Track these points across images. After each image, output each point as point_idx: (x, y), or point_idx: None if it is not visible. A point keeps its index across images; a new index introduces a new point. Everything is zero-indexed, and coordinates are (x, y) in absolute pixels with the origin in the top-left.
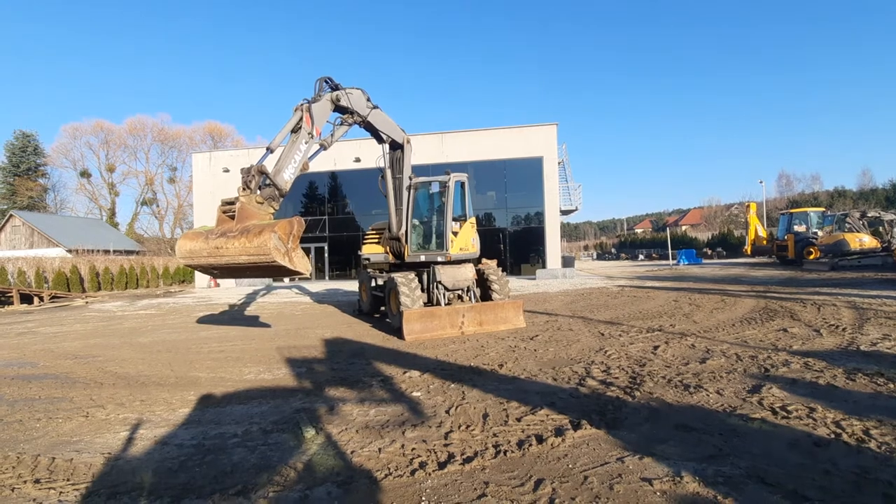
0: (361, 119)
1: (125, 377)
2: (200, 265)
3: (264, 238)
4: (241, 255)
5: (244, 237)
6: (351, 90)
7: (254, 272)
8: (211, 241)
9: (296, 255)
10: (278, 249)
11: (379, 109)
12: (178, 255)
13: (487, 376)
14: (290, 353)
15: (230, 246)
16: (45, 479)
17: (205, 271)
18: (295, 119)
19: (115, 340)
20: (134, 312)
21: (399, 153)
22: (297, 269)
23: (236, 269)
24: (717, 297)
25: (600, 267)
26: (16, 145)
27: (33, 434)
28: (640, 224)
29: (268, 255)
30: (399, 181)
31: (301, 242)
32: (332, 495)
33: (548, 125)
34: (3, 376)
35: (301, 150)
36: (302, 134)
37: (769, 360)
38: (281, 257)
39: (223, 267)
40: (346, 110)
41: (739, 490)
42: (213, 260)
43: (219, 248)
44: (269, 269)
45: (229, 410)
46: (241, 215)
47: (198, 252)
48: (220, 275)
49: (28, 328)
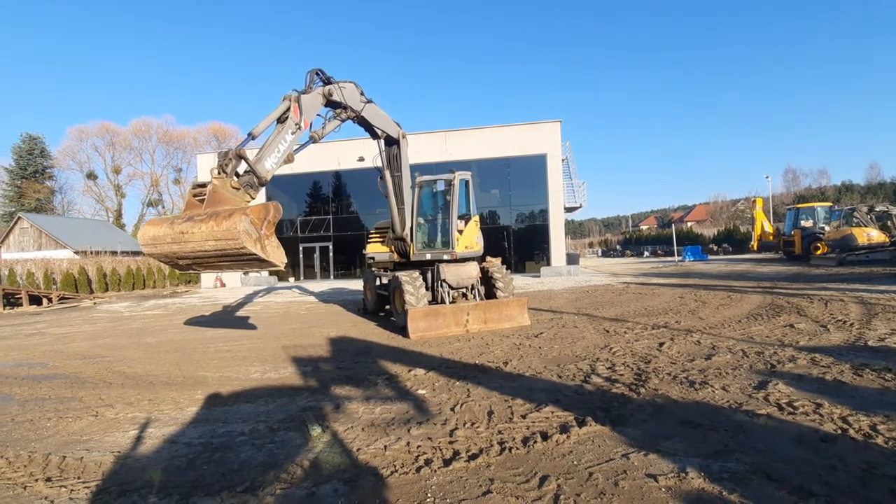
0: (355, 114)
1: (133, 377)
2: (164, 254)
3: (233, 221)
4: (207, 240)
5: (212, 220)
6: (344, 84)
7: (223, 263)
8: (176, 227)
9: (269, 244)
10: (249, 235)
11: (373, 104)
12: (141, 243)
13: (492, 374)
14: (295, 352)
15: (196, 231)
16: (57, 478)
17: (170, 263)
18: (282, 108)
19: (123, 341)
20: (141, 313)
21: (395, 149)
22: (270, 259)
23: (204, 259)
24: (722, 293)
25: (605, 264)
26: (23, 148)
27: (44, 433)
28: (645, 221)
29: (236, 239)
30: (398, 179)
31: (306, 242)
32: (339, 492)
33: (551, 122)
34: (14, 376)
35: (287, 140)
36: (289, 124)
37: (775, 356)
38: (252, 244)
39: (189, 256)
40: (339, 105)
41: (745, 486)
42: (178, 247)
43: (184, 233)
44: (239, 259)
45: (236, 409)
46: (212, 199)
47: (161, 238)
48: (186, 267)
49: (37, 329)
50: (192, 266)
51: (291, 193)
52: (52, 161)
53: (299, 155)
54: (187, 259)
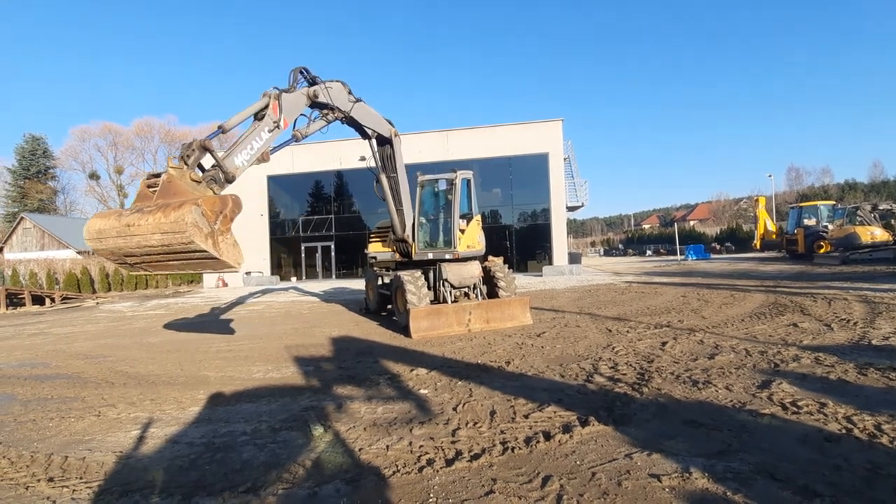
0: (343, 114)
1: (136, 377)
2: (110, 249)
3: (182, 212)
4: (153, 233)
5: (160, 212)
6: (330, 84)
7: (172, 261)
8: (123, 219)
9: (224, 241)
10: (199, 228)
11: (362, 103)
12: (86, 237)
13: (495, 373)
14: (297, 352)
15: (143, 223)
16: (59, 478)
17: (118, 260)
18: (260, 104)
19: (125, 340)
20: (144, 313)
21: (388, 149)
22: (223, 257)
23: (152, 257)
24: (725, 292)
25: (607, 263)
26: (25, 148)
27: (46, 433)
28: (647, 220)
29: (183, 233)
30: (394, 181)
31: (308, 241)
32: (341, 492)
33: (553, 121)
34: (17, 376)
35: (262, 138)
36: (266, 121)
37: (779, 356)
38: (201, 239)
39: (136, 253)
40: (325, 106)
41: (749, 486)
42: (123, 242)
43: (130, 226)
44: (189, 257)
45: (238, 409)
46: (165, 190)
47: (107, 232)
48: (136, 266)
49: (40, 329)
50: (141, 265)
51: (293, 193)
52: (55, 161)
53: (301, 155)
54: (134, 256)
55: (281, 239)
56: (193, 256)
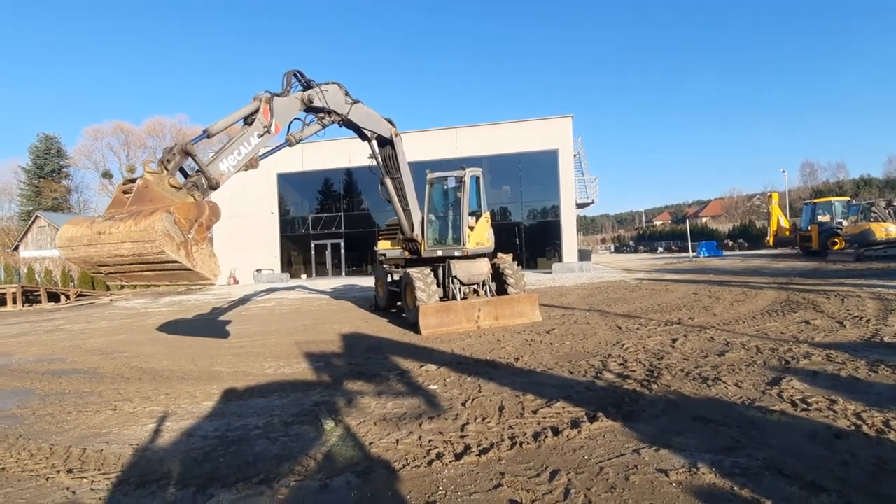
0: (341, 118)
1: (150, 372)
2: (81, 258)
3: (152, 219)
4: (124, 242)
5: (132, 219)
6: (326, 86)
7: (146, 272)
8: (95, 226)
9: (198, 252)
10: (170, 237)
11: (360, 104)
12: (58, 245)
13: (503, 370)
14: (308, 348)
15: (114, 231)
16: (78, 469)
17: (91, 269)
18: (250, 108)
19: (139, 336)
20: (157, 310)
21: (390, 150)
22: (197, 269)
23: (125, 267)
24: (737, 289)
25: (618, 260)
26: (39, 148)
27: (64, 426)
28: (659, 216)
29: (153, 241)
30: (399, 181)
31: (317, 239)
32: (352, 485)
33: (563, 117)
34: (35, 372)
35: (250, 143)
36: (256, 126)
37: (790, 353)
38: (173, 249)
39: (108, 262)
40: (321, 110)
41: (756, 481)
42: (94, 251)
43: (101, 233)
44: (162, 268)
45: (251, 403)
46: (139, 196)
47: (78, 240)
48: (110, 275)
49: (56, 326)
50: (115, 275)
51: (303, 191)
52: (69, 160)
53: (311, 152)
54: (107, 266)
55: (291, 236)
56: (166, 267)
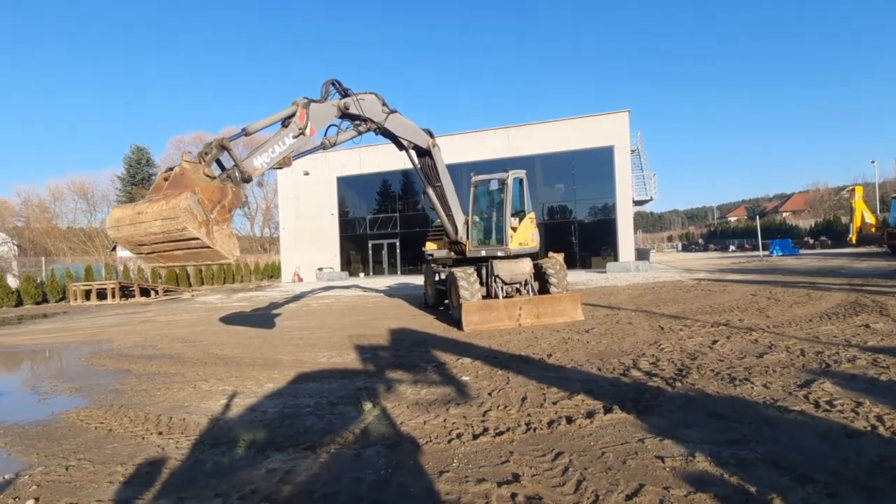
0: (377, 126)
1: (223, 358)
2: (125, 237)
3: (179, 199)
4: (156, 220)
5: (164, 200)
6: (363, 95)
7: (175, 250)
8: (136, 207)
9: (219, 232)
10: (193, 215)
11: (397, 114)
12: (107, 226)
13: (534, 365)
14: (359, 341)
15: (149, 210)
16: (166, 432)
17: (133, 249)
18: (288, 111)
19: (215, 328)
20: (231, 304)
21: (428, 160)
22: (217, 247)
23: (160, 245)
24: (802, 290)
25: (682, 259)
26: (132, 158)
27: (155, 400)
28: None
29: (176, 218)
30: (440, 189)
31: (374, 239)
32: (380, 454)
33: (619, 113)
34: (132, 356)
35: (285, 143)
36: (291, 128)
37: (835, 356)
38: (195, 226)
39: (146, 241)
40: (357, 117)
41: (748, 471)
42: (133, 230)
43: (140, 213)
44: (188, 246)
45: (305, 387)
46: (177, 182)
47: (122, 220)
48: (149, 257)
49: (147, 317)
50: (154, 255)
51: (361, 193)
52: (156, 169)
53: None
54: (145, 245)
55: (350, 236)
56: (190, 245)
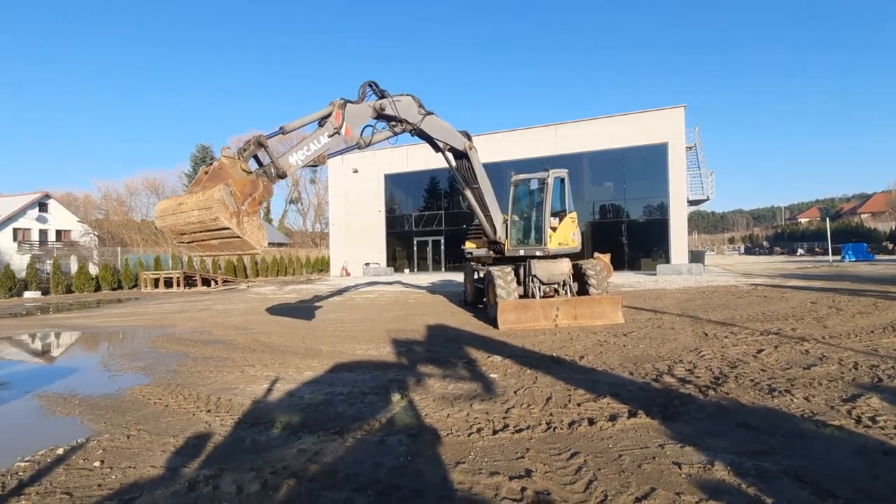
0: (412, 127)
1: (270, 346)
2: (168, 227)
3: (213, 190)
4: (193, 210)
5: (202, 192)
6: (399, 97)
7: (210, 240)
8: (178, 199)
9: (248, 223)
10: (225, 206)
11: (434, 115)
12: (154, 216)
13: (565, 366)
14: (395, 336)
15: (188, 201)
16: (213, 410)
17: (176, 238)
18: (325, 111)
19: (265, 317)
20: (282, 296)
21: (465, 162)
22: (246, 237)
23: (198, 234)
24: (869, 300)
25: (742, 263)
26: (197, 156)
27: (207, 381)
28: (805, 213)
29: (210, 209)
30: (478, 191)
31: (420, 236)
32: (402, 442)
33: (674, 108)
34: (190, 340)
35: (320, 142)
36: (327, 127)
37: (889, 371)
38: (226, 216)
39: (185, 230)
40: (393, 118)
41: (767, 482)
42: (175, 219)
43: (181, 204)
44: (221, 236)
45: (340, 376)
46: (215, 175)
47: (166, 210)
48: (190, 245)
49: (206, 305)
50: (193, 244)
51: (408, 190)
52: None
53: (415, 153)
54: (185, 233)
55: (396, 233)
56: (223, 234)
